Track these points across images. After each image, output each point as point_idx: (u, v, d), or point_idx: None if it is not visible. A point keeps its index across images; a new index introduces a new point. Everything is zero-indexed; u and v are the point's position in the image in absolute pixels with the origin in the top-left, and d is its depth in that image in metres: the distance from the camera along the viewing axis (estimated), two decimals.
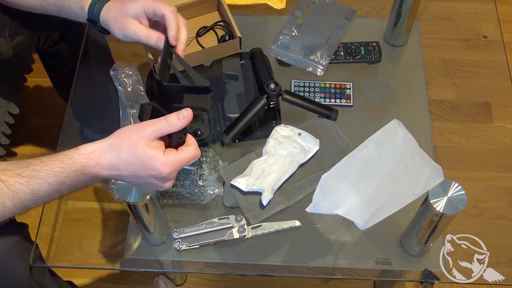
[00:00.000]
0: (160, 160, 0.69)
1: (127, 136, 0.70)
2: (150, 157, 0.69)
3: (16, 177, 0.70)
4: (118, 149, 0.70)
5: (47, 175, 0.70)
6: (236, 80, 1.04)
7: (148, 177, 0.71)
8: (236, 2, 1.22)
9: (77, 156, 0.70)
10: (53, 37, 1.18)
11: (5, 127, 1.20)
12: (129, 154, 0.69)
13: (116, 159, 0.70)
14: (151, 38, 0.82)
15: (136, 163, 0.69)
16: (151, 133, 0.69)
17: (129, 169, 0.70)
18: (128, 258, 0.92)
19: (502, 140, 1.14)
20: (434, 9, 1.26)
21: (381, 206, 0.83)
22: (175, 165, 0.71)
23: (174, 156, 0.70)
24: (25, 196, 0.70)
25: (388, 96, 1.11)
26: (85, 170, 0.70)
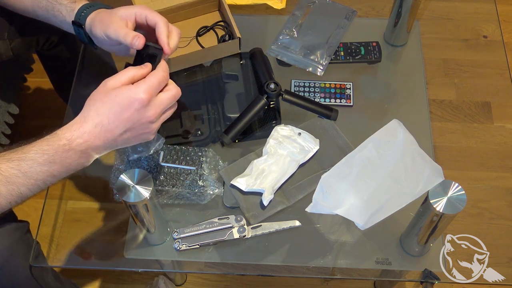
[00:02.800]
0: (132, 88, 0.71)
1: (97, 94, 0.72)
2: (122, 92, 0.71)
3: (7, 163, 0.70)
4: (94, 109, 0.71)
5: (36, 155, 0.70)
6: (236, 80, 1.04)
7: (132, 115, 0.72)
8: (236, 2, 1.22)
9: (60, 132, 0.71)
10: (52, 40, 1.18)
11: (5, 127, 1.20)
12: (105, 104, 0.71)
13: (96, 117, 0.71)
14: (128, 35, 0.78)
15: (113, 107, 0.71)
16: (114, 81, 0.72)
17: (111, 118, 0.71)
18: (128, 258, 0.92)
19: (502, 140, 1.14)
20: (434, 9, 1.26)
21: (381, 206, 0.83)
22: (150, 88, 0.72)
23: (144, 81, 0.73)
24: (18, 181, 0.70)
25: (388, 96, 1.11)
26: (72, 143, 0.71)
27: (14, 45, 1.08)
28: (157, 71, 0.75)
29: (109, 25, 0.80)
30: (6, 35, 1.04)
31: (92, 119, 0.71)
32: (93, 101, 0.72)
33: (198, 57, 1.06)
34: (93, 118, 0.71)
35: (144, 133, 0.76)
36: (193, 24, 1.13)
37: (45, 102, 1.70)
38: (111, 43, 0.82)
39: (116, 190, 0.79)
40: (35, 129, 1.67)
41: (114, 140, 0.74)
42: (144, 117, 0.73)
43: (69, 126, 0.72)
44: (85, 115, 0.72)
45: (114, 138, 0.73)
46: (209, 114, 1.01)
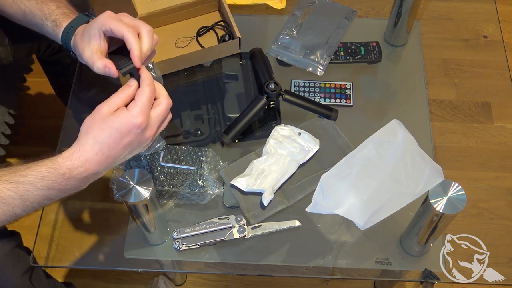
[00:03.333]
0: (128, 113, 0.70)
1: (92, 122, 0.71)
2: (118, 118, 0.70)
3: (4, 184, 0.69)
4: (92, 137, 0.70)
5: (35, 180, 0.69)
6: (236, 80, 1.04)
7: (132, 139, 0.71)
8: (236, 2, 1.22)
9: (61, 160, 0.70)
10: (53, 47, 1.17)
11: (5, 127, 1.20)
12: (103, 131, 0.70)
13: (96, 145, 0.70)
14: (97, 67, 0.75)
15: (113, 134, 0.70)
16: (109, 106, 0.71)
17: (110, 144, 0.71)
18: (128, 258, 0.92)
19: (502, 140, 1.14)
20: (434, 9, 1.26)
21: (381, 206, 0.83)
22: (143, 109, 0.71)
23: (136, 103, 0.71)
24: (14, 203, 0.70)
25: (388, 96, 1.11)
26: (72, 172, 0.70)
27: (15, 51, 1.08)
28: (143, 89, 0.72)
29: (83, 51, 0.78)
30: (7, 41, 1.04)
31: (92, 148, 0.70)
32: (90, 128, 0.71)
33: (198, 57, 1.06)
34: (92, 147, 0.70)
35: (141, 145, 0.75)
36: (193, 24, 1.13)
37: (44, 102, 1.70)
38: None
39: (116, 190, 0.79)
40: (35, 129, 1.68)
41: (114, 163, 0.74)
42: (143, 138, 0.73)
43: (69, 155, 0.70)
44: (84, 143, 0.71)
45: (114, 161, 0.73)
46: (209, 114, 1.01)
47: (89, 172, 0.71)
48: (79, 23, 0.82)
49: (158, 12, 1.09)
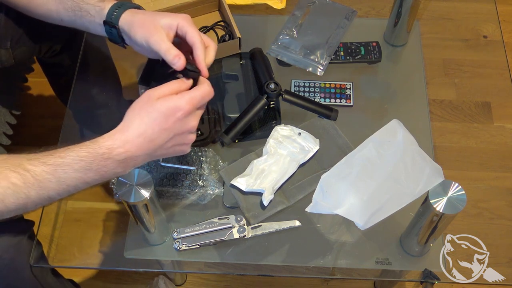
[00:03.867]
0: (176, 99, 0.72)
1: (141, 104, 0.72)
2: (167, 103, 0.72)
3: (41, 166, 0.69)
4: (138, 118, 0.71)
5: (72, 161, 0.69)
6: (236, 80, 1.04)
7: (175, 124, 0.73)
8: (236, 2, 1.22)
9: (101, 140, 0.70)
10: (54, 49, 1.17)
11: (7, 127, 1.20)
12: (150, 114, 0.71)
13: (141, 126, 0.71)
14: (170, 53, 0.76)
15: (158, 117, 0.71)
16: (158, 93, 0.73)
17: (154, 128, 0.71)
18: (128, 258, 0.92)
19: (502, 140, 1.14)
20: (434, 9, 1.26)
21: (381, 206, 0.83)
22: (192, 99, 0.73)
23: (189, 93, 0.74)
24: (50, 185, 0.69)
25: (388, 96, 1.11)
26: (112, 152, 0.70)
27: (16, 54, 1.08)
28: (202, 85, 0.76)
29: (152, 33, 0.79)
30: (9, 44, 1.04)
31: (137, 129, 0.71)
32: (137, 110, 0.72)
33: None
34: (137, 127, 0.71)
35: (183, 144, 0.77)
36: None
37: (46, 102, 1.70)
38: (148, 49, 0.81)
39: (116, 190, 0.79)
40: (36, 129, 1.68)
41: (154, 150, 0.74)
42: (185, 127, 0.74)
43: (110, 135, 0.71)
44: (128, 124, 0.71)
45: (155, 148, 0.73)
46: (209, 114, 1.01)
47: (128, 154, 0.71)
48: (130, 6, 0.85)
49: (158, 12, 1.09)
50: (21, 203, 0.69)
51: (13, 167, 0.68)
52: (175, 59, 0.76)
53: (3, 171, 0.68)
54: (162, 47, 0.77)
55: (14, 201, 0.68)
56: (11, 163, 0.69)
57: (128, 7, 0.84)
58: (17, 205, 0.69)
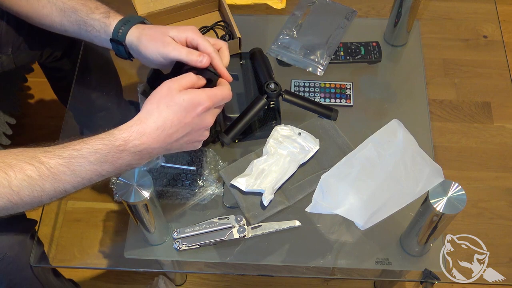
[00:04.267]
0: (198, 93, 0.72)
1: (160, 96, 0.72)
2: (189, 97, 0.71)
3: (56, 158, 0.68)
4: (157, 111, 0.71)
5: (88, 153, 0.69)
6: (236, 80, 1.04)
7: (194, 119, 0.72)
8: (236, 2, 1.22)
9: (118, 132, 0.70)
10: (55, 55, 1.18)
11: (6, 127, 1.20)
12: (169, 107, 0.71)
13: (159, 120, 0.70)
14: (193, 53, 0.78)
15: (179, 111, 0.71)
16: (179, 85, 0.72)
17: (174, 121, 0.71)
18: (128, 258, 0.92)
19: (502, 140, 1.14)
20: (434, 9, 1.26)
21: (381, 206, 0.83)
22: (213, 97, 0.74)
23: (210, 89, 0.74)
24: (65, 178, 0.69)
25: (388, 96, 1.11)
26: (127, 144, 0.69)
27: (17, 60, 1.08)
28: (224, 88, 0.77)
29: (165, 44, 0.79)
30: (10, 51, 1.04)
31: (155, 122, 0.70)
32: (156, 103, 0.71)
33: None
34: (155, 120, 0.70)
35: (198, 140, 0.77)
36: (193, 24, 1.12)
37: (45, 102, 1.70)
38: (160, 61, 0.81)
39: (116, 190, 0.79)
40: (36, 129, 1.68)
41: (170, 144, 0.73)
42: (203, 123, 0.74)
43: (126, 127, 0.70)
44: (146, 117, 0.71)
45: (171, 142, 0.73)
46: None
47: (144, 146, 0.70)
48: (136, 21, 0.85)
49: (158, 12, 1.09)
50: (36, 196, 0.69)
51: (28, 159, 0.68)
52: (200, 56, 0.77)
53: (19, 163, 0.68)
54: (182, 52, 0.78)
55: (29, 194, 0.68)
56: (26, 155, 0.69)
57: (134, 23, 0.84)
58: (32, 198, 0.69)
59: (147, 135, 0.70)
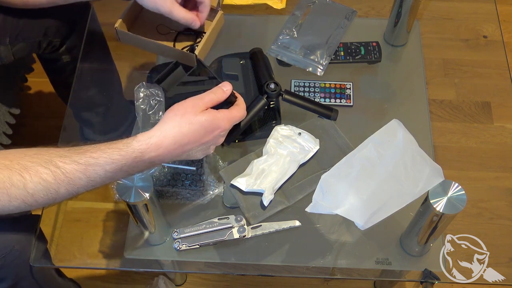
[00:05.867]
0: (220, 117, 0.76)
1: (183, 112, 0.73)
2: (210, 119, 0.75)
3: (73, 164, 0.69)
4: (179, 126, 0.73)
5: (105, 163, 0.70)
6: (236, 80, 1.04)
7: (211, 139, 0.76)
8: (236, 2, 1.22)
9: (136, 144, 0.71)
10: (54, 44, 1.18)
11: (6, 127, 1.20)
12: (191, 125, 0.73)
13: (179, 135, 0.73)
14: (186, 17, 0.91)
15: (199, 130, 0.74)
16: (203, 104, 0.75)
17: (191, 139, 0.74)
18: (128, 258, 0.92)
19: (502, 140, 1.14)
20: (434, 9, 1.26)
21: (381, 206, 0.83)
22: (232, 119, 0.78)
23: (229, 112, 0.78)
24: (80, 183, 0.70)
25: (388, 96, 1.11)
26: (144, 156, 0.71)
27: (15, 50, 1.08)
28: (242, 108, 0.81)
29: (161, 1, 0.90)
30: (8, 41, 1.04)
31: (174, 137, 0.72)
32: (179, 117, 0.73)
33: (153, 47, 1.06)
34: (174, 136, 0.72)
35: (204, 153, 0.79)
36: None
37: (45, 102, 1.70)
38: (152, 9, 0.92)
39: (116, 190, 0.79)
40: (36, 129, 1.68)
41: (180, 155, 0.76)
42: (217, 141, 0.79)
43: (146, 139, 0.72)
44: (167, 130, 0.72)
45: (182, 154, 0.76)
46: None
47: (159, 158, 0.73)
48: None
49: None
50: (50, 198, 0.70)
51: (44, 163, 0.69)
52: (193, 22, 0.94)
53: (35, 166, 0.69)
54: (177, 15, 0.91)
55: (43, 196, 0.69)
56: (42, 158, 0.70)
57: None
58: (47, 200, 0.70)
59: (164, 148, 0.72)
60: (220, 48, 1.12)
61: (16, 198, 0.68)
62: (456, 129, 1.15)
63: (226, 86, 0.79)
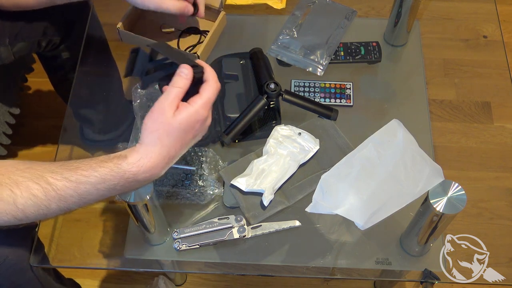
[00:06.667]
0: (193, 110, 0.72)
1: (157, 125, 0.71)
2: (185, 118, 0.71)
3: (64, 181, 0.68)
4: (159, 142, 0.71)
5: (96, 182, 0.69)
6: (236, 80, 1.04)
7: (196, 132, 0.74)
8: (236, 2, 1.22)
9: (127, 166, 0.70)
10: (53, 42, 1.18)
11: (6, 127, 1.20)
12: (170, 134, 0.71)
13: (163, 150, 0.71)
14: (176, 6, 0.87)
15: (179, 135, 0.72)
16: (171, 104, 0.71)
17: (176, 146, 0.72)
18: (128, 258, 0.92)
19: (502, 140, 1.14)
20: (434, 9, 1.26)
21: (381, 206, 0.83)
22: (207, 103, 0.73)
23: (201, 98, 0.73)
24: (71, 200, 0.70)
25: (388, 96, 1.11)
26: (137, 177, 0.71)
27: (15, 50, 1.08)
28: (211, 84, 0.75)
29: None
30: (7, 41, 1.04)
31: (160, 153, 0.71)
32: (156, 133, 0.71)
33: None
34: (160, 152, 0.71)
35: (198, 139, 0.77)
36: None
37: (45, 102, 1.70)
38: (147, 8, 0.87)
39: None
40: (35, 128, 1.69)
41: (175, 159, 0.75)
42: (203, 129, 0.76)
43: (135, 161, 0.70)
44: (152, 150, 0.71)
45: (175, 160, 0.74)
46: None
47: (154, 176, 0.72)
48: None
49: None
50: (41, 214, 0.70)
51: (35, 178, 0.68)
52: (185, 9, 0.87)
53: (25, 181, 0.68)
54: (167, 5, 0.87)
55: (34, 212, 0.69)
56: (33, 174, 0.69)
57: None
58: (37, 215, 0.70)
59: (156, 166, 0.71)
60: (220, 48, 1.12)
61: (6, 213, 0.68)
62: (456, 129, 1.15)
63: (185, 70, 0.73)
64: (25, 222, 0.71)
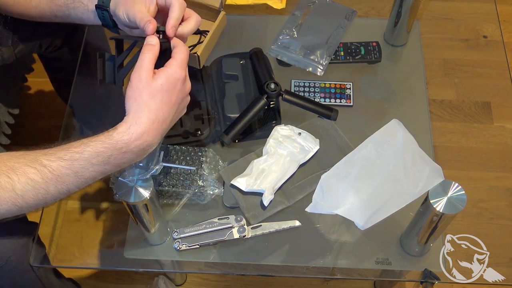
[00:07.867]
0: (171, 72, 0.73)
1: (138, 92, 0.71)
2: (165, 79, 0.72)
3: (58, 161, 0.69)
4: (145, 106, 0.71)
5: (90, 156, 0.69)
6: (236, 80, 1.04)
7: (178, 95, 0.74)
8: (236, 2, 1.22)
9: (117, 135, 0.70)
10: (55, 44, 1.18)
11: (5, 127, 1.20)
12: (154, 97, 0.71)
13: (151, 114, 0.71)
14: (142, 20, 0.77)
15: (164, 96, 0.72)
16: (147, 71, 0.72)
17: (164, 108, 0.72)
18: (128, 258, 0.92)
19: (502, 140, 1.14)
20: (434, 9, 1.26)
21: (381, 206, 0.83)
22: (182, 63, 0.74)
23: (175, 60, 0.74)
24: (68, 180, 0.69)
25: (388, 96, 1.11)
26: (129, 146, 0.70)
27: (17, 51, 1.08)
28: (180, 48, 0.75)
29: (131, 6, 0.79)
30: (10, 42, 1.04)
31: (148, 117, 0.71)
32: (140, 99, 0.71)
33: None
34: (148, 116, 0.71)
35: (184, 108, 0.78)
36: None
37: (45, 102, 1.70)
38: (131, 25, 0.81)
39: (116, 190, 0.79)
40: (35, 129, 1.68)
41: (166, 129, 0.75)
42: (185, 92, 0.76)
43: (125, 129, 0.70)
44: (139, 115, 0.71)
45: (166, 127, 0.74)
46: (209, 114, 1.01)
47: (146, 143, 0.71)
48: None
49: None
50: (40, 198, 0.69)
51: (30, 162, 0.68)
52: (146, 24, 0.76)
53: (21, 166, 0.68)
54: (137, 17, 0.78)
55: (33, 197, 0.69)
56: (27, 158, 0.69)
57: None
58: (37, 200, 0.70)
59: (147, 132, 0.71)
60: (220, 48, 1.12)
61: (5, 201, 0.68)
62: (456, 129, 1.14)
63: (151, 39, 0.74)
64: (26, 211, 0.71)
